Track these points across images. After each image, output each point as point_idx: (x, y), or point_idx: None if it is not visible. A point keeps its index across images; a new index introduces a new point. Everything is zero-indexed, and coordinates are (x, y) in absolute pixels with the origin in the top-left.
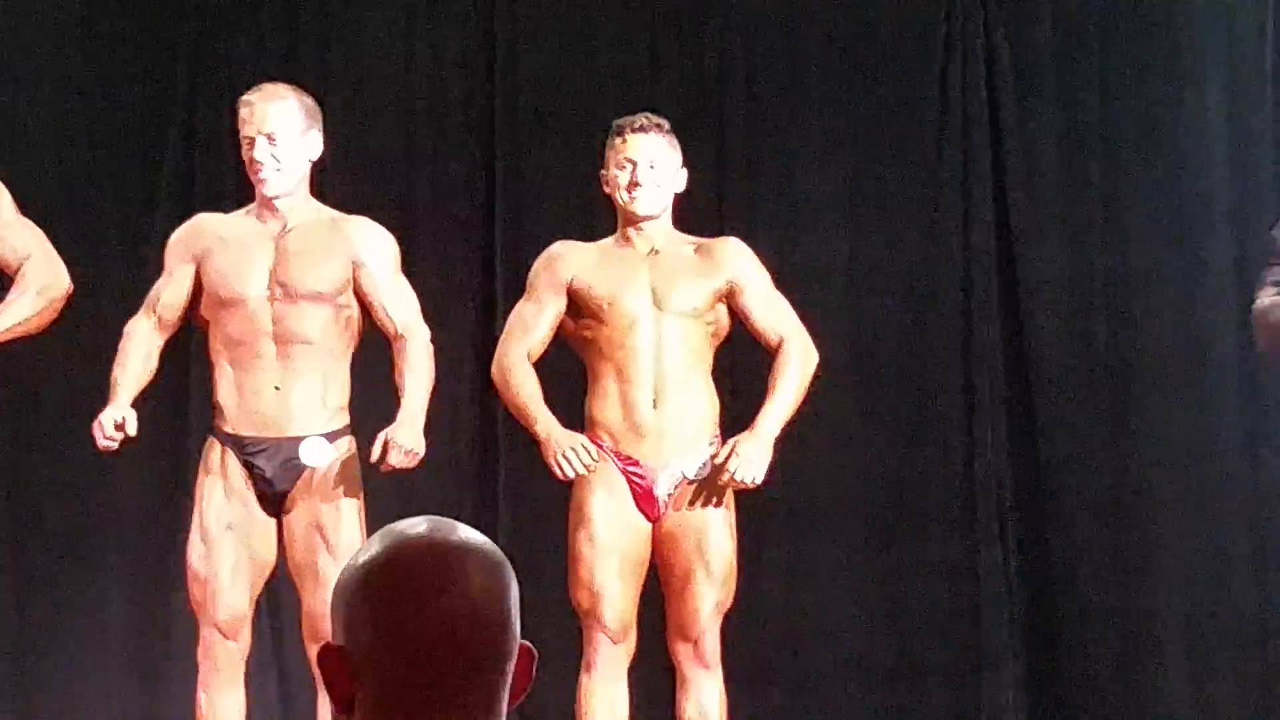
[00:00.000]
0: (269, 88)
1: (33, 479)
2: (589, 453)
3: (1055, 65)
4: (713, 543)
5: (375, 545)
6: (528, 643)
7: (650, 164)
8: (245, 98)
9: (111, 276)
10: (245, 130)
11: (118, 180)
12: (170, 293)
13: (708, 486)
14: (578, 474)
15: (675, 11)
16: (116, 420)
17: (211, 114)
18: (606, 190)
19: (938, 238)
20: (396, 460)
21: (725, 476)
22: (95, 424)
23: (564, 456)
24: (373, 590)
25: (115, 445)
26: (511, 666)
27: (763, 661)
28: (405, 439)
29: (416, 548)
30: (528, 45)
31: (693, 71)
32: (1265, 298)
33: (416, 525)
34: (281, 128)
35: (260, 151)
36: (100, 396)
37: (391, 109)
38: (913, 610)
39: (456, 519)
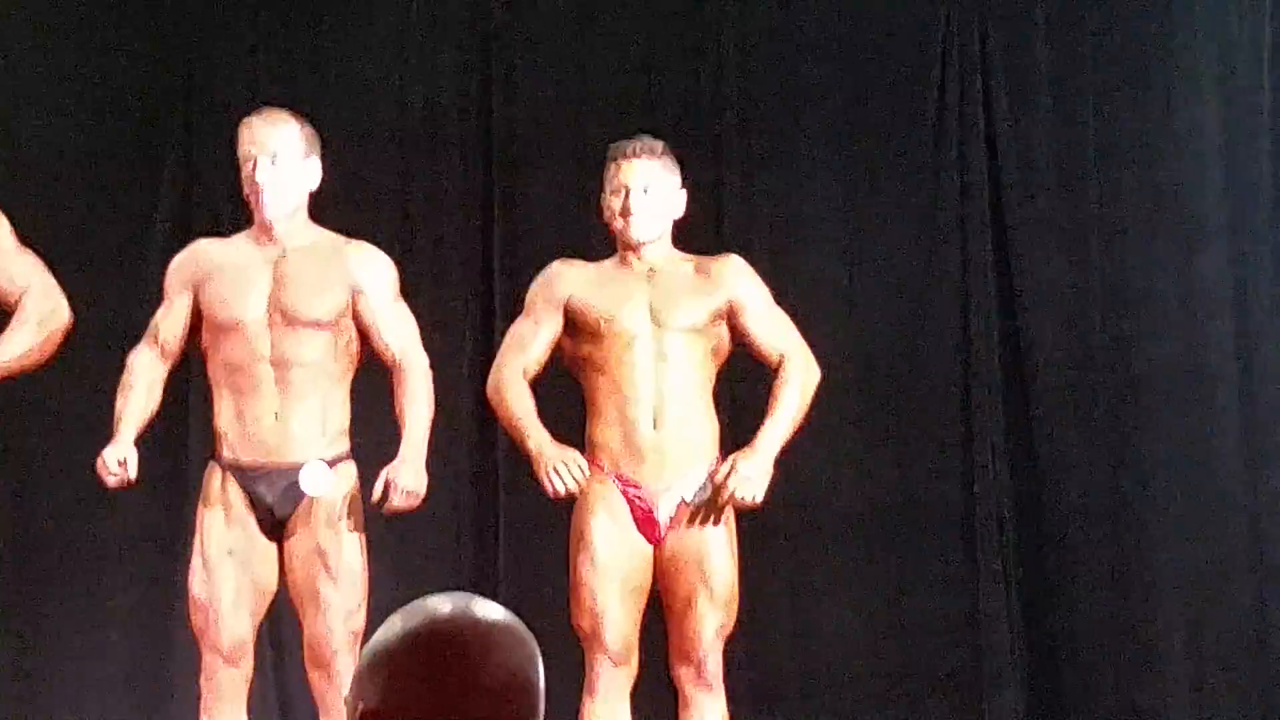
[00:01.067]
0: (270, 112)
1: (34, 506)
2: (580, 468)
3: (1051, 79)
4: (714, 565)
5: (398, 623)
6: None
7: (644, 189)
8: (247, 120)
9: (109, 304)
10: (246, 150)
11: (115, 208)
12: (170, 321)
13: (708, 507)
14: (569, 489)
15: (671, 31)
16: (119, 459)
17: (208, 141)
18: (604, 216)
19: (935, 252)
20: (399, 502)
21: (725, 495)
22: (99, 461)
23: (554, 470)
24: (392, 669)
25: (119, 482)
26: None
27: (765, 682)
28: (407, 480)
29: (449, 624)
30: (524, 67)
31: (689, 90)
32: None
33: (443, 603)
34: (283, 149)
35: (261, 172)
36: (100, 423)
37: (388, 133)
38: (914, 625)
39: (456, 542)
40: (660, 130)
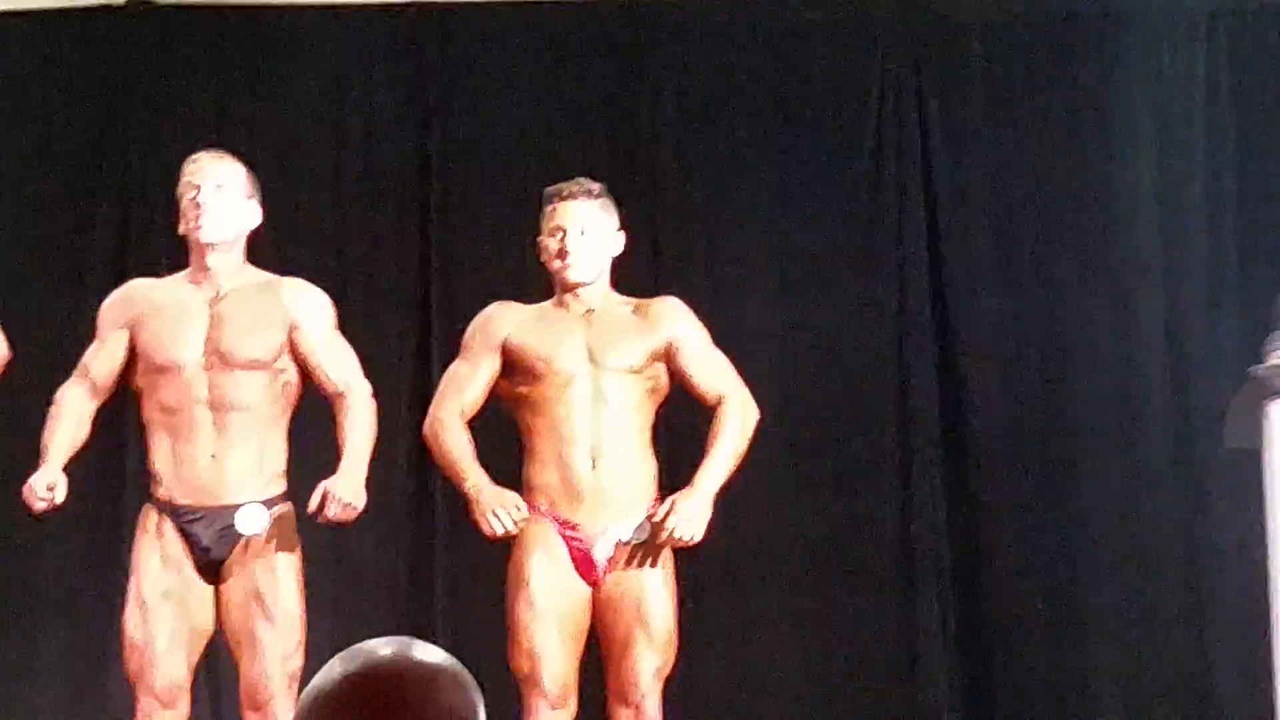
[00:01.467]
0: (216, 151)
1: None
2: (519, 509)
3: (988, 128)
4: (652, 607)
5: (338, 666)
6: None
7: (580, 230)
8: (193, 156)
9: (44, 343)
10: (191, 179)
11: (49, 247)
12: (102, 359)
13: (646, 549)
14: (506, 530)
15: (606, 75)
16: (48, 483)
17: (144, 180)
18: (541, 258)
19: (872, 294)
20: (334, 512)
21: (664, 535)
22: (26, 487)
23: (493, 512)
24: (330, 707)
25: (47, 508)
26: None
27: None
28: (344, 491)
29: (388, 667)
30: (460, 107)
31: (625, 134)
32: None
33: (381, 647)
34: (228, 181)
35: (205, 195)
36: (31, 459)
37: (323, 173)
38: (851, 667)
39: (393, 583)
40: (597, 171)
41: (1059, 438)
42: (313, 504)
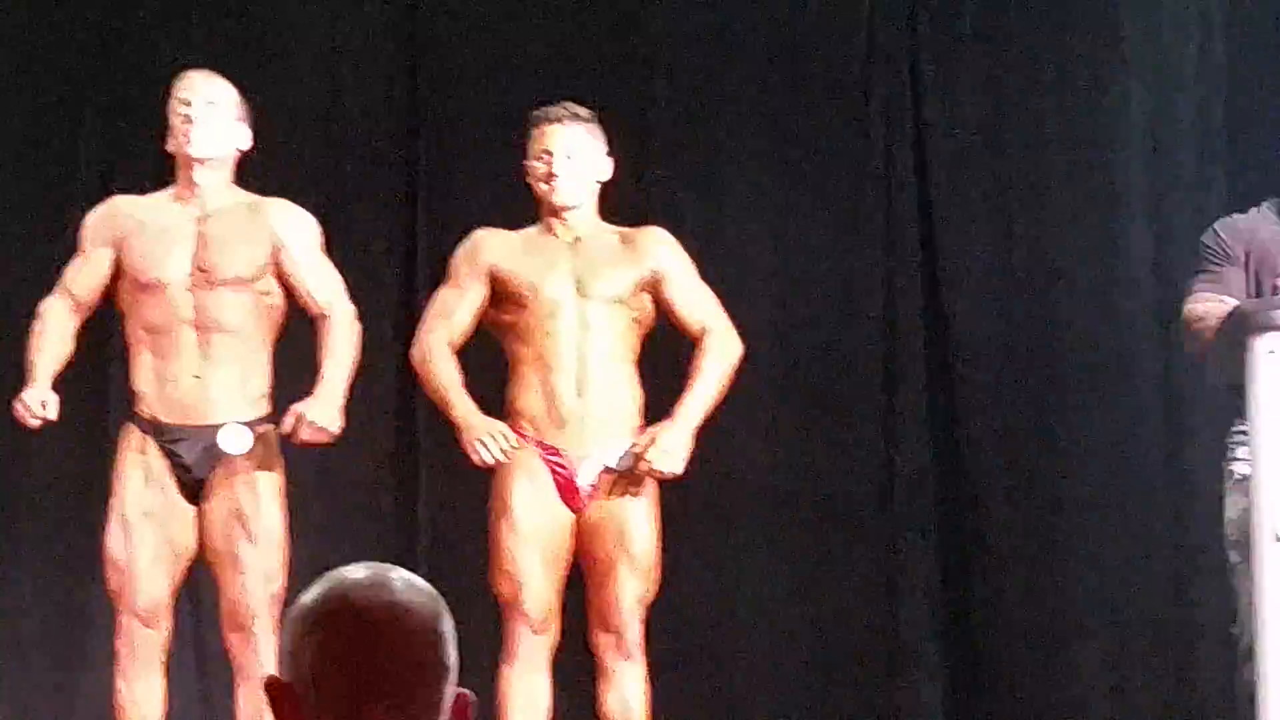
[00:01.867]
0: (207, 71)
1: None
2: (507, 439)
3: (977, 55)
4: (635, 534)
5: (316, 588)
6: (466, 691)
7: (568, 154)
8: (184, 73)
9: (25, 262)
10: (183, 95)
11: (36, 164)
12: (86, 274)
13: (629, 476)
14: (495, 460)
15: (599, 16)
16: (40, 400)
17: (132, 100)
18: (529, 181)
19: (860, 229)
20: (305, 435)
21: (644, 466)
22: (18, 403)
23: (481, 442)
24: (309, 630)
25: (39, 423)
26: (444, 712)
27: (684, 650)
28: (317, 415)
29: (354, 593)
30: (451, 32)
31: (617, 62)
32: (1197, 304)
33: (355, 571)
34: (220, 99)
35: (196, 109)
36: (12, 379)
37: (312, 96)
38: (833, 599)
39: (377, 507)
40: (587, 97)
41: (1046, 372)
42: (285, 425)
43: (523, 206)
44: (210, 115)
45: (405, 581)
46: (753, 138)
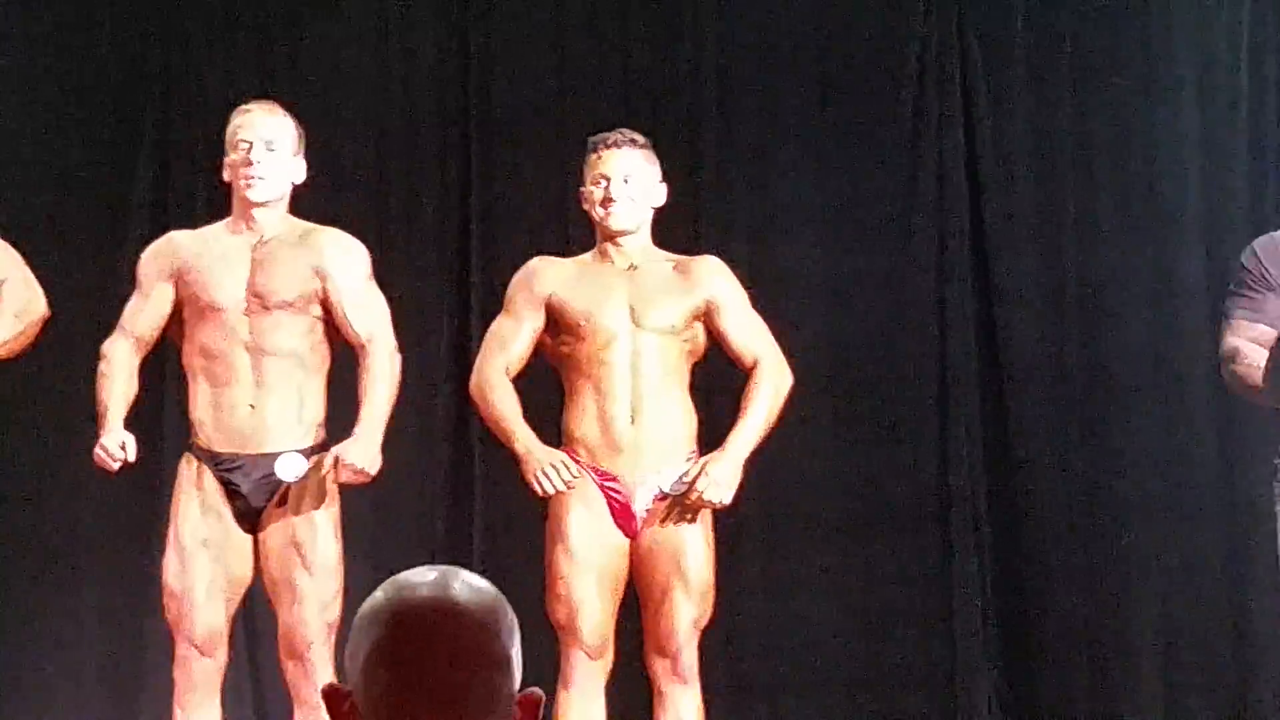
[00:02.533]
0: (268, 103)
1: (7, 497)
2: (569, 469)
3: (1029, 74)
4: (690, 558)
5: (380, 594)
6: (536, 690)
7: (624, 179)
8: (244, 106)
9: (85, 296)
10: (242, 134)
11: (90, 199)
12: (147, 312)
13: (683, 502)
14: (557, 490)
15: (649, 23)
16: (120, 443)
17: (184, 131)
18: (585, 207)
19: (912, 247)
20: (344, 478)
21: (694, 496)
22: (98, 448)
23: (543, 473)
24: (372, 639)
25: (119, 465)
26: (508, 713)
27: (740, 675)
28: (355, 457)
29: (418, 599)
30: (502, 59)
31: (667, 83)
32: (1234, 337)
33: (423, 575)
34: (279, 138)
35: (256, 153)
36: (72, 410)
37: (365, 124)
38: (889, 619)
39: (432, 533)
40: (638, 120)
41: (1098, 388)
42: (324, 466)
43: (576, 230)
44: (269, 160)
45: (466, 583)
46: (804, 159)
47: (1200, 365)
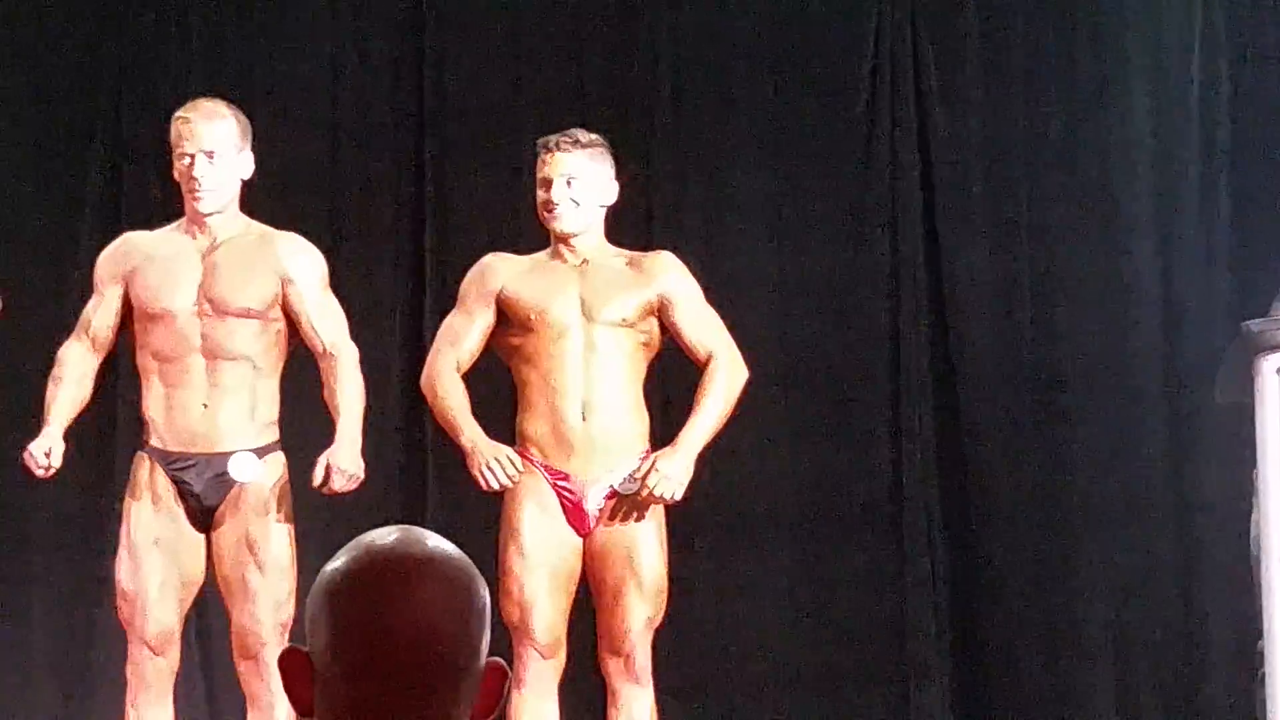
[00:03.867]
0: (207, 105)
1: None
2: (514, 464)
3: (982, 74)
4: (643, 557)
5: (342, 555)
6: (499, 660)
7: (568, 181)
8: (183, 114)
9: (37, 293)
10: (183, 146)
11: (43, 195)
12: (101, 314)
13: (634, 501)
14: (502, 485)
15: (602, 23)
16: (45, 449)
17: (137, 128)
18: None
19: (865, 246)
20: (339, 485)
21: (645, 492)
22: (26, 453)
23: (488, 467)
24: (331, 600)
25: (47, 475)
26: (472, 683)
27: (693, 674)
28: (346, 462)
29: (379, 560)
30: (455, 57)
31: (620, 83)
32: None
33: (385, 536)
34: (220, 145)
35: (199, 168)
36: (27, 413)
37: (318, 121)
38: (842, 620)
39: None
40: (592, 120)
41: (1051, 389)
42: (316, 478)
43: (531, 229)
44: (212, 171)
45: (429, 536)
46: (757, 153)
47: (1152, 365)
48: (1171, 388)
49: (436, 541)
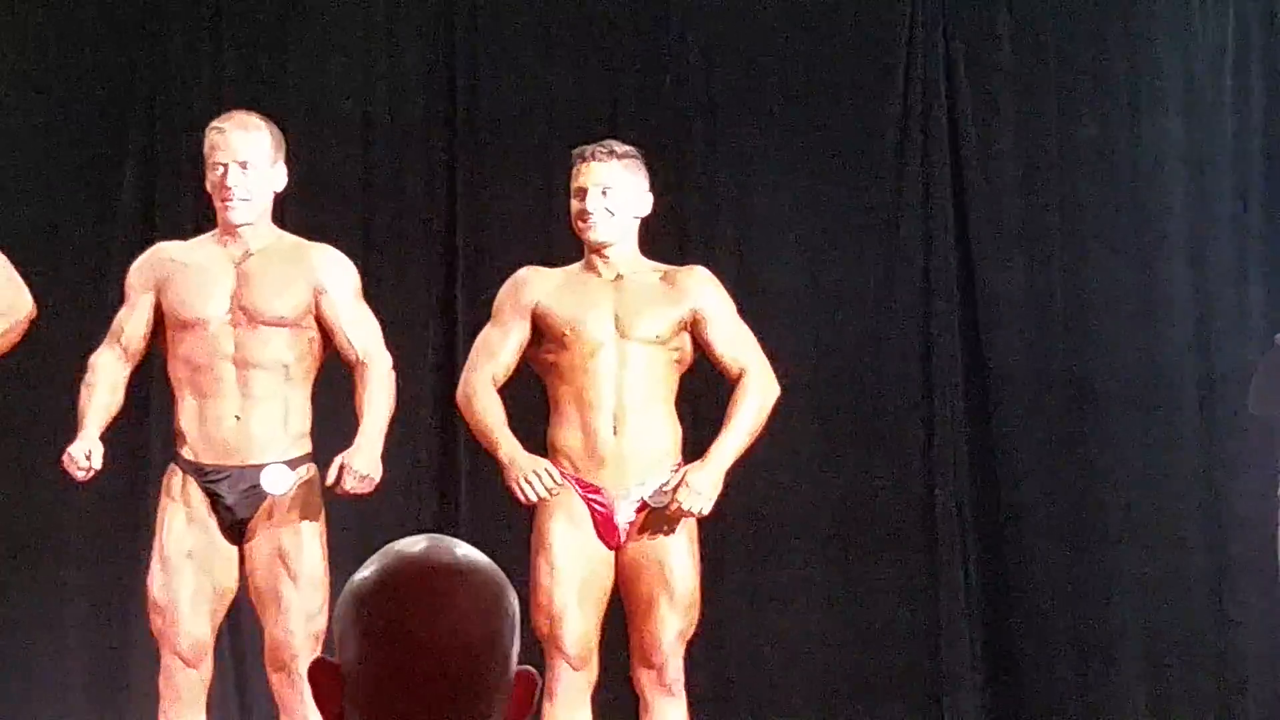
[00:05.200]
0: (240, 116)
1: None
2: (551, 477)
3: (1015, 86)
4: (676, 569)
5: (372, 564)
6: (530, 669)
7: (603, 191)
8: (217, 124)
9: (70, 300)
10: (216, 157)
11: (77, 204)
12: (133, 323)
13: (664, 514)
14: (540, 498)
15: (635, 34)
16: (85, 452)
17: (170, 138)
18: (571, 218)
19: (899, 259)
20: (351, 485)
21: (673, 506)
22: (65, 456)
23: (525, 480)
24: (360, 611)
25: (87, 477)
26: (503, 694)
27: (725, 686)
28: (361, 464)
29: (408, 569)
30: (487, 68)
31: (652, 94)
32: None
33: (414, 544)
34: (253, 156)
35: (232, 178)
36: (61, 422)
37: (350, 132)
38: (874, 631)
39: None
40: (624, 130)
41: (1083, 400)
42: (330, 477)
43: (561, 240)
44: (245, 181)
45: (458, 545)
46: (790, 166)
47: (1185, 377)
48: (1204, 399)
49: (465, 550)
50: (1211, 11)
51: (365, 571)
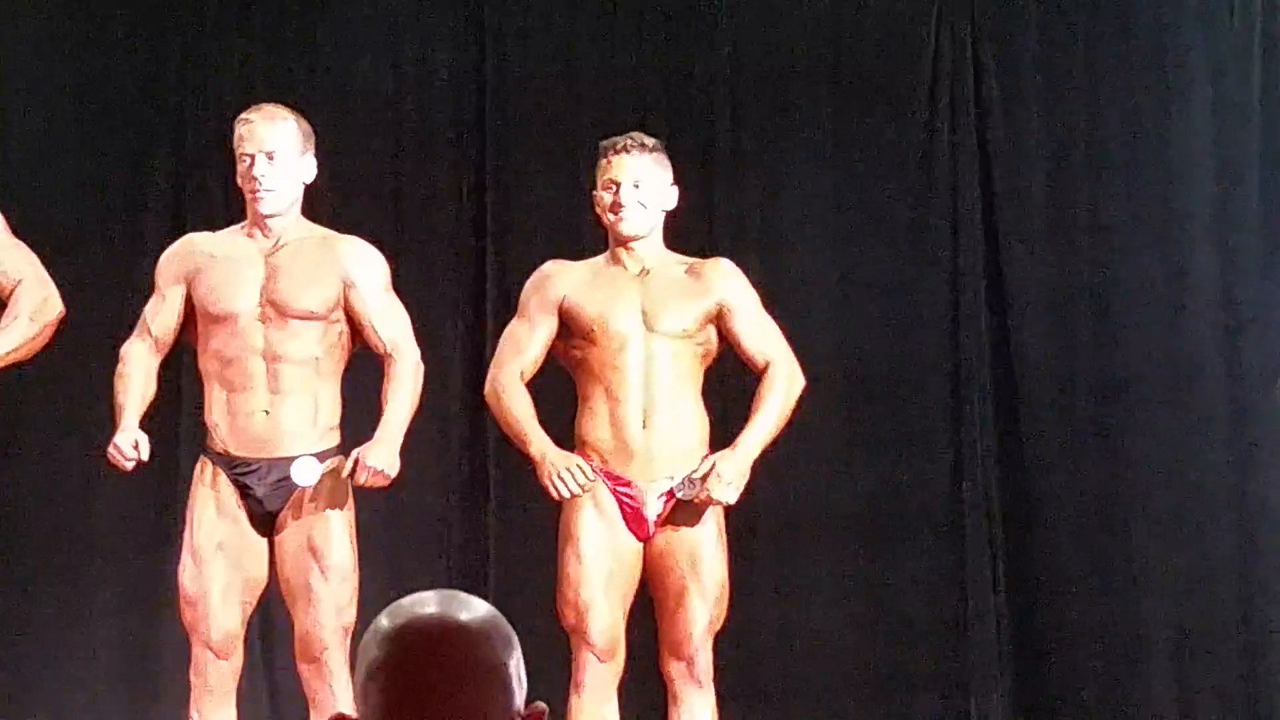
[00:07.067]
0: (269, 108)
1: (22, 496)
2: (584, 473)
3: (1042, 79)
4: (705, 561)
5: (384, 622)
6: (541, 705)
7: (634, 184)
8: (245, 116)
9: (102, 292)
10: (244, 148)
11: (108, 201)
12: (163, 314)
13: (696, 505)
14: (573, 493)
15: (663, 29)
16: (132, 442)
17: (200, 133)
18: (597, 211)
19: (925, 252)
20: (364, 480)
21: (702, 494)
22: (112, 448)
23: (559, 477)
24: (377, 675)
25: (133, 465)
26: None
27: (754, 678)
28: (374, 459)
29: (419, 638)
30: (516, 67)
31: (680, 91)
32: None
33: (425, 605)
34: (281, 147)
35: (259, 169)
36: (87, 412)
37: (380, 127)
38: (902, 624)
39: (446, 537)
40: (651, 125)
41: (1111, 395)
42: (345, 469)
43: (590, 234)
44: (273, 171)
45: (463, 602)
46: (816, 161)
47: (1212, 370)
48: (1232, 392)
49: (473, 611)
50: (1239, 6)
51: (379, 633)
